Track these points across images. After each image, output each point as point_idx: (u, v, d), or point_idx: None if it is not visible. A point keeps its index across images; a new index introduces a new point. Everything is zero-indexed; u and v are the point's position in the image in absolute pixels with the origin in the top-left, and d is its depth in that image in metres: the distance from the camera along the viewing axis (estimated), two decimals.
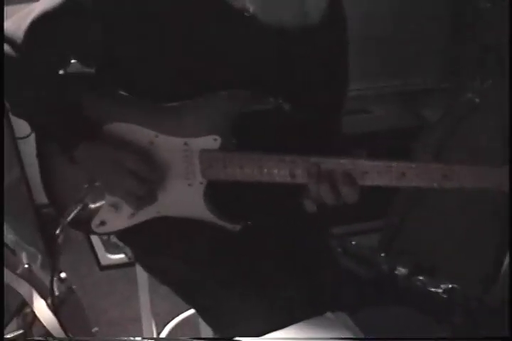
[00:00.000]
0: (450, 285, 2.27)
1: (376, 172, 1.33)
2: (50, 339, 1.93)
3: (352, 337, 1.26)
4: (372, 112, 3.05)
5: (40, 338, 2.09)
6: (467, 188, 1.28)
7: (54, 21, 1.48)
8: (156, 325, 2.33)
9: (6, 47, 1.53)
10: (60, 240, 1.50)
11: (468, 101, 2.52)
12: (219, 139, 1.45)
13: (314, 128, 1.60)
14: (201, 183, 1.50)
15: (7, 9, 1.58)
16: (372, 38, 2.90)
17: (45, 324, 2.02)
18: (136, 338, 1.91)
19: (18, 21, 1.53)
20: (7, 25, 1.54)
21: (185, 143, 1.48)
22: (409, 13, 2.91)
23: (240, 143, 1.47)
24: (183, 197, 1.54)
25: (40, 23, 1.49)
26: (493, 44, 2.29)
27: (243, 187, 1.47)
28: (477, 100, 2.50)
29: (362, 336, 1.26)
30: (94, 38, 1.48)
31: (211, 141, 1.45)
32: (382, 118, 3.02)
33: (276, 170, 1.41)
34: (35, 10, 1.50)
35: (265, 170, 1.41)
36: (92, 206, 1.56)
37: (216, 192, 1.52)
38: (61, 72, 1.63)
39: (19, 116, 1.64)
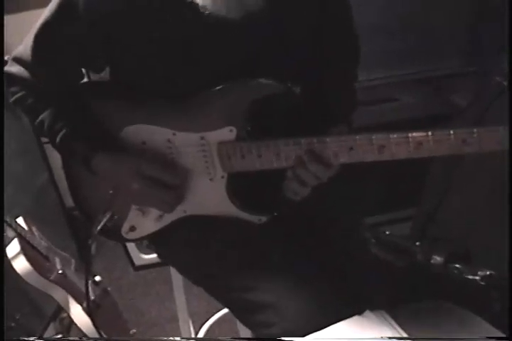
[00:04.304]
0: (488, 272, 2.24)
1: (393, 145, 1.31)
2: (85, 339, 1.94)
3: (393, 335, 1.25)
4: (400, 100, 3.01)
5: (76, 338, 2.11)
6: (487, 152, 1.24)
7: (54, 30, 1.48)
8: (194, 324, 2.33)
9: (19, 69, 1.54)
10: (92, 247, 1.50)
11: (496, 84, 2.48)
12: (234, 130, 1.44)
13: (325, 108, 1.61)
14: (222, 177, 1.50)
15: (7, 18, 1.58)
16: (395, 24, 2.86)
17: (82, 328, 2.03)
18: (176, 338, 1.92)
19: (25, 42, 1.53)
20: (18, 49, 1.55)
21: (202, 138, 1.47)
22: None
23: (254, 131, 1.47)
24: (207, 193, 1.53)
25: (42, 35, 1.49)
26: None
27: (265, 177, 1.47)
28: (505, 83, 2.45)
29: (403, 333, 1.24)
30: (95, 42, 1.48)
31: (227, 133, 1.45)
32: (411, 105, 2.98)
33: (294, 154, 1.40)
34: (36, 25, 1.50)
35: (283, 155, 1.41)
36: (120, 212, 1.55)
37: (239, 185, 1.52)
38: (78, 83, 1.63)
39: (40, 134, 1.65)
